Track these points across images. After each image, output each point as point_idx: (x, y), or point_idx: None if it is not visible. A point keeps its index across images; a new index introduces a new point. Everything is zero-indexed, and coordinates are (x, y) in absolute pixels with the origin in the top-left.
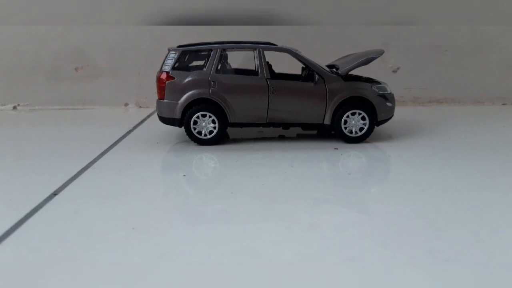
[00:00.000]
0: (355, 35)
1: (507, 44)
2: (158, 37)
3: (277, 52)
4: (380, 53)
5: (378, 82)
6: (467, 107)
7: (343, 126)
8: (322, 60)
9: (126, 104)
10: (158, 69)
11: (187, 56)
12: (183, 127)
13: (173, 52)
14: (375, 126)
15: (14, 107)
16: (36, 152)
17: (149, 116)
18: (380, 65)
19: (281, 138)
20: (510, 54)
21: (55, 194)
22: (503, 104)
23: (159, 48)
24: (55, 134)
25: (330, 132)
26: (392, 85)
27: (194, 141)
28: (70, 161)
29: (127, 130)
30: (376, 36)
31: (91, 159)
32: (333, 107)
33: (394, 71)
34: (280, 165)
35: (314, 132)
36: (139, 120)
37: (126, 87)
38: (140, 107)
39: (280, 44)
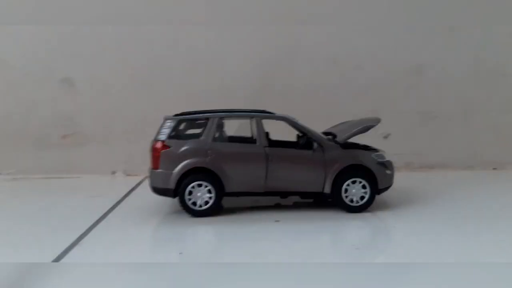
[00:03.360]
0: (345, 101)
1: (493, 108)
2: (148, 103)
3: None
4: (377, 121)
5: (376, 150)
6: (459, 172)
7: (343, 195)
8: (313, 127)
9: (113, 172)
10: (148, 135)
11: (183, 124)
12: (176, 198)
13: (170, 121)
14: (376, 195)
15: None
16: (15, 228)
17: (138, 184)
18: (371, 131)
19: (278, 207)
20: (496, 118)
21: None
22: (494, 169)
23: (150, 114)
24: (38, 206)
25: (327, 200)
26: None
27: (188, 213)
28: (54, 238)
29: (116, 200)
30: (365, 103)
31: (77, 235)
32: (333, 176)
33: (385, 137)
34: (283, 239)
35: (311, 200)
36: (128, 189)
37: (114, 154)
38: (128, 175)
39: (274, 111)
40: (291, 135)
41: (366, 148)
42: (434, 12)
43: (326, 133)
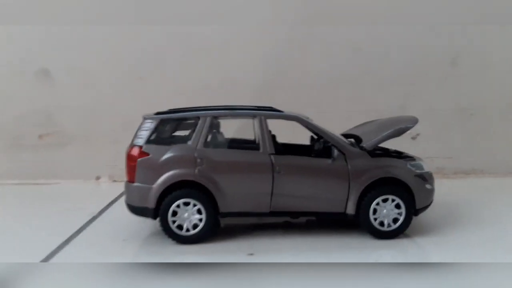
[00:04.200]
0: (367, 97)
1: None
2: (138, 98)
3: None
4: (414, 122)
5: (411, 158)
6: (500, 180)
7: (372, 217)
8: (331, 127)
9: (97, 178)
10: None
11: (167, 125)
12: (158, 219)
13: (149, 121)
14: (413, 216)
15: None
16: None
17: (122, 193)
18: None
19: (287, 226)
20: None
21: None
22: None
23: (140, 111)
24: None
25: (349, 222)
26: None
27: (172, 238)
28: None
29: (92, 215)
30: (391, 98)
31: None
32: (359, 192)
33: (413, 138)
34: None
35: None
36: (110, 200)
37: (99, 157)
38: (114, 180)
39: (284, 109)
40: (303, 137)
41: (399, 155)
42: None
43: (347, 136)
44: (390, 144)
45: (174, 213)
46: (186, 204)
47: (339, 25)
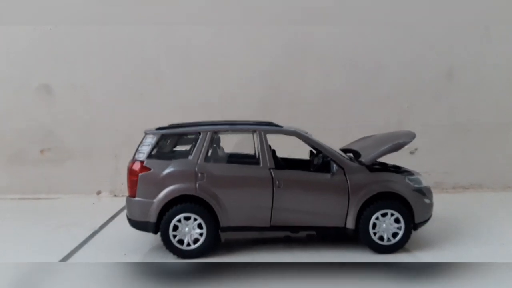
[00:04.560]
0: (364, 111)
1: None
2: (138, 113)
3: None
4: (411, 137)
5: (409, 172)
6: (498, 194)
7: (371, 231)
8: (329, 142)
9: (98, 192)
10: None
11: (169, 140)
12: (159, 234)
13: (151, 136)
14: (413, 230)
15: None
16: None
17: (123, 208)
18: None
19: (288, 240)
20: None
21: None
22: None
23: (140, 126)
24: None
25: (348, 236)
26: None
27: (174, 253)
28: None
29: (92, 231)
30: (388, 113)
31: None
32: (358, 206)
33: (411, 153)
34: None
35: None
36: (111, 215)
37: (100, 171)
38: (115, 195)
39: (283, 124)
40: (302, 152)
41: (397, 169)
42: (467, 7)
43: (345, 151)
44: (388, 159)
45: (175, 228)
46: (187, 218)
47: (336, 41)
